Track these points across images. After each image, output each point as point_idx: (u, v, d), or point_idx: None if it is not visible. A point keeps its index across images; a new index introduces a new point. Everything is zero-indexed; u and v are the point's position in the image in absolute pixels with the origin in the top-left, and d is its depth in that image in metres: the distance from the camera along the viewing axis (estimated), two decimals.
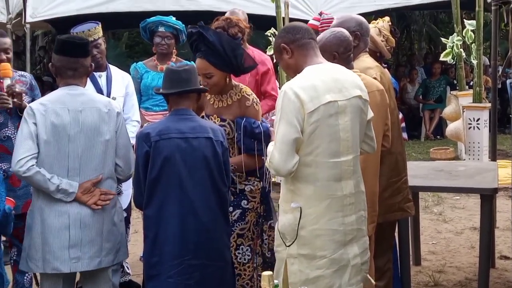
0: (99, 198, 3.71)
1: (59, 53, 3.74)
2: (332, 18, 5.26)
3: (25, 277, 4.53)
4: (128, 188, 5.19)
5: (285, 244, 3.45)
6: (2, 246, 4.40)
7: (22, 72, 4.80)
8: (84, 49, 3.79)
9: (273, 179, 8.49)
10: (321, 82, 3.36)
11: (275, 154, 3.32)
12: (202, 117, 4.12)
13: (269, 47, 8.50)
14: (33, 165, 3.58)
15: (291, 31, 3.50)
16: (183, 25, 5.78)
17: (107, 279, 3.85)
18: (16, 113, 4.37)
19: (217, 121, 4.12)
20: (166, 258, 3.70)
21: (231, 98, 4.15)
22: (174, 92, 3.76)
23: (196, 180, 3.72)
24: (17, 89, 4.34)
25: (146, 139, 3.71)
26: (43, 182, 3.60)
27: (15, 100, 4.32)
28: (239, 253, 4.11)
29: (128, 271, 5.48)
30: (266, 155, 3.48)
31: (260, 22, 7.93)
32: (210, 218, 3.75)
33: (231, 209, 4.04)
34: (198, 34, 4.03)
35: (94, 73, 4.92)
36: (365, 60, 4.17)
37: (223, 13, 5.80)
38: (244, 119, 4.09)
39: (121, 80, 5.05)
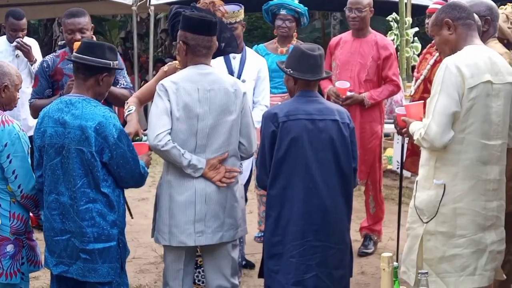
0: (224, 176, 3.81)
1: (193, 31, 3.77)
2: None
3: None
4: (246, 169, 5.27)
5: (422, 221, 3.47)
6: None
7: None
8: (216, 27, 3.84)
9: (389, 166, 8.47)
10: (482, 61, 3.39)
11: (432, 126, 3.37)
12: None
13: (389, 32, 8.40)
14: (169, 140, 3.71)
15: (457, 8, 3.54)
16: (305, 8, 5.81)
17: (227, 253, 3.95)
18: None
19: None
20: (289, 238, 3.77)
21: None
22: (317, 79, 3.82)
23: (321, 162, 3.76)
24: None
25: (273, 119, 3.78)
26: (178, 157, 3.73)
27: None
28: None
29: (243, 250, 5.59)
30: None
31: (381, 7, 7.84)
32: (333, 200, 3.79)
33: None
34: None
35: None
36: (494, 46, 4.08)
37: None
38: None
39: (254, 64, 5.07)
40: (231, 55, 5.03)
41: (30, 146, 3.77)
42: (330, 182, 3.78)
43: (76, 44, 4.20)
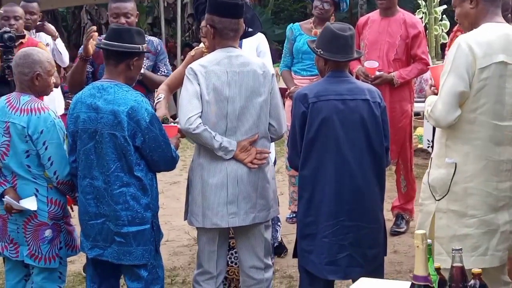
0: (255, 157, 3.82)
1: (220, 14, 3.76)
2: None
3: None
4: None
5: (435, 198, 3.46)
6: None
7: (150, 38, 4.86)
8: (242, 10, 3.82)
9: (419, 145, 8.42)
10: (497, 40, 3.32)
11: (438, 104, 3.34)
12: None
13: (417, 10, 8.36)
14: (200, 123, 3.72)
15: None
16: None
17: (259, 234, 3.96)
18: None
19: None
20: (322, 218, 3.78)
21: None
22: (348, 60, 3.81)
23: (352, 142, 3.76)
24: None
25: (303, 100, 3.78)
26: (209, 140, 3.74)
27: None
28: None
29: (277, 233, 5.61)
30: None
31: None
32: (365, 180, 3.78)
33: None
34: None
35: None
36: None
37: None
38: None
39: (251, 40, 4.85)
40: None
41: (65, 133, 3.82)
42: (362, 161, 3.77)
43: None
